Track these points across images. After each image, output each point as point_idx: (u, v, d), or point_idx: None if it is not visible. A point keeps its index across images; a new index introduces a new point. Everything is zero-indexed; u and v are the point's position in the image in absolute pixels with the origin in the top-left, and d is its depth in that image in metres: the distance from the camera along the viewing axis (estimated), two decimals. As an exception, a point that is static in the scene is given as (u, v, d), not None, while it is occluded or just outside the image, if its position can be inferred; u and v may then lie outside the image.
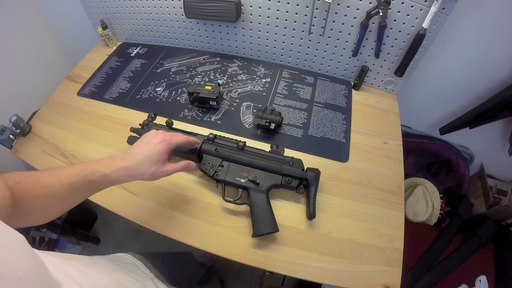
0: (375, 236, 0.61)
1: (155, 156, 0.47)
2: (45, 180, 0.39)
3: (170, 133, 0.53)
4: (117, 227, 1.45)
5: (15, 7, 1.03)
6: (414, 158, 1.14)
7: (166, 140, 0.49)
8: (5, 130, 0.76)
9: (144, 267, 0.52)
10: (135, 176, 0.47)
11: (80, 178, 0.41)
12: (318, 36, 0.82)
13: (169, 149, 0.50)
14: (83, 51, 1.06)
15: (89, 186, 0.43)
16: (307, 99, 0.85)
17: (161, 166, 0.48)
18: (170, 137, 0.50)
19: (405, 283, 0.87)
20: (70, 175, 0.40)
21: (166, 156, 0.50)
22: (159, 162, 0.48)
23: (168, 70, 0.94)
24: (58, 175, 0.40)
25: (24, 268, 0.21)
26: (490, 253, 0.99)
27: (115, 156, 0.47)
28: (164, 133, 0.51)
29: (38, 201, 0.38)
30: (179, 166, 0.52)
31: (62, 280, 0.25)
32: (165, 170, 0.49)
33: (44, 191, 0.38)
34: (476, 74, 0.86)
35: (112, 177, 0.44)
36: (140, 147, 0.48)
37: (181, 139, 0.52)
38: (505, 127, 0.96)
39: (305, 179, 0.61)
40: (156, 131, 0.51)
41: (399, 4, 0.69)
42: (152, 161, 0.47)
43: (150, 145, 0.48)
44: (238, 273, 1.30)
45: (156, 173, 0.48)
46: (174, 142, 0.51)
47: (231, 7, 0.78)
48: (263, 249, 0.59)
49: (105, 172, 0.43)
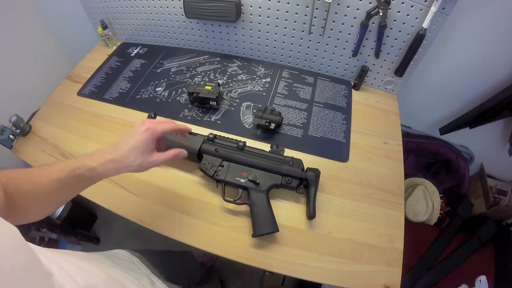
0: (375, 236, 0.61)
1: (140, 146, 0.45)
2: (34, 176, 0.39)
3: (157, 120, 0.49)
4: (117, 227, 1.45)
5: (15, 7, 1.03)
6: (414, 158, 1.14)
7: (151, 128, 0.46)
8: (5, 130, 0.76)
9: (140, 263, 0.52)
10: (122, 168, 0.45)
11: (68, 173, 0.40)
12: (318, 36, 0.82)
13: (155, 138, 0.47)
14: (83, 51, 1.06)
15: (77, 181, 0.42)
16: (307, 99, 0.85)
17: (148, 156, 0.46)
18: (156, 125, 0.47)
19: (405, 283, 0.86)
20: (58, 171, 0.40)
21: (152, 145, 0.47)
22: (146, 152, 0.46)
23: (168, 70, 0.94)
24: (47, 171, 0.40)
25: (17, 258, 0.22)
26: (490, 253, 0.99)
27: (103, 149, 0.45)
28: (151, 121, 0.48)
29: (29, 198, 0.38)
30: (168, 155, 0.49)
31: (54, 271, 0.26)
32: (152, 160, 0.46)
33: (34, 187, 0.38)
34: (476, 74, 0.86)
35: (99, 171, 0.43)
36: (126, 138, 0.46)
37: (168, 126, 0.49)
38: (505, 127, 0.96)
39: (305, 179, 0.61)
40: (143, 120, 0.48)
41: (399, 4, 0.69)
42: (138, 151, 0.45)
43: (135, 136, 0.45)
44: (238, 273, 1.30)
45: (144, 164, 0.46)
46: (160, 130, 0.47)
47: (231, 7, 0.78)
48: (263, 249, 0.59)
49: (91, 166, 0.42)
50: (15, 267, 0.21)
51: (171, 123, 0.50)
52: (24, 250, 0.23)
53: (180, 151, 0.51)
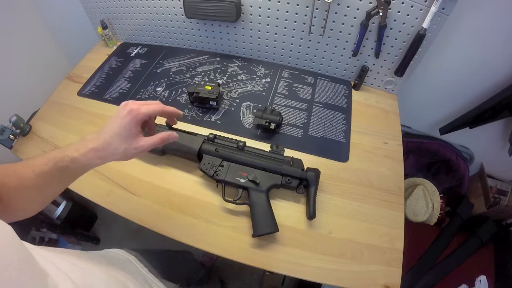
0: (375, 236, 0.61)
1: (123, 131, 0.41)
2: (20, 171, 0.37)
3: (142, 102, 0.44)
4: (117, 227, 1.45)
5: (15, 7, 1.03)
6: (414, 158, 1.14)
7: (133, 110, 0.41)
8: (5, 130, 0.76)
9: (137, 262, 0.51)
10: (107, 157, 0.41)
11: (52, 166, 0.38)
12: (318, 36, 0.82)
13: (138, 121, 0.42)
14: (83, 51, 1.06)
15: (62, 174, 0.39)
16: (307, 99, 0.85)
17: (132, 142, 0.42)
18: (139, 106, 0.42)
19: (405, 283, 0.87)
20: (43, 164, 0.38)
21: (136, 129, 0.42)
22: (129, 137, 0.41)
23: (168, 70, 0.94)
24: (32, 165, 0.38)
25: (12, 256, 0.21)
26: (490, 253, 0.99)
27: (87, 137, 0.41)
28: (134, 102, 0.43)
29: (17, 194, 0.37)
30: (155, 139, 0.44)
31: (50, 270, 0.25)
32: (138, 146, 0.42)
33: (20, 182, 0.37)
34: (476, 74, 0.86)
35: (83, 161, 0.39)
36: (108, 124, 0.42)
37: (153, 108, 0.44)
38: (505, 127, 0.96)
39: (305, 179, 0.61)
40: (126, 101, 0.44)
41: (399, 4, 0.69)
42: (121, 137, 0.41)
43: (117, 120, 0.41)
44: (238, 273, 1.30)
45: (129, 150, 0.42)
46: (144, 111, 0.42)
47: (231, 7, 0.78)
48: (263, 249, 0.59)
49: (74, 156, 0.39)
50: (8, 266, 0.20)
51: (157, 104, 0.45)
52: (18, 248, 0.23)
53: (169, 134, 0.46)
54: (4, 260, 0.20)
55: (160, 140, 0.45)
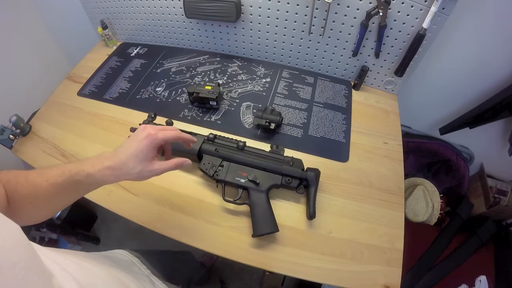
0: (375, 236, 0.61)
1: (140, 154, 0.42)
2: (33, 179, 0.38)
3: (159, 127, 0.46)
4: (117, 227, 1.45)
5: (15, 7, 1.03)
6: (414, 158, 1.14)
7: (151, 135, 0.43)
8: (5, 130, 0.76)
9: (140, 264, 0.52)
10: (121, 176, 0.42)
11: (66, 178, 0.39)
12: (318, 36, 0.82)
13: (155, 146, 0.44)
14: (83, 51, 1.06)
15: (76, 187, 0.40)
16: (307, 99, 0.85)
17: (148, 164, 0.43)
18: (157, 131, 0.44)
19: (405, 283, 0.87)
20: (57, 175, 0.39)
21: (152, 153, 0.44)
22: (145, 160, 0.43)
23: (168, 70, 0.94)
24: (46, 174, 0.39)
25: (19, 255, 0.22)
26: (490, 253, 0.99)
27: (103, 154, 0.43)
28: (152, 127, 0.45)
29: (27, 201, 0.37)
30: (170, 164, 0.46)
31: (55, 270, 0.26)
32: (152, 169, 0.44)
33: (32, 190, 0.38)
34: (476, 74, 0.86)
35: (97, 177, 0.41)
36: (126, 144, 0.44)
37: (170, 134, 0.46)
38: (505, 127, 0.96)
39: (305, 179, 0.61)
40: (145, 125, 0.46)
41: (399, 4, 0.69)
42: (138, 159, 0.42)
43: (135, 142, 0.43)
44: (238, 273, 1.30)
45: (143, 173, 0.43)
46: (161, 137, 0.44)
47: (231, 7, 0.78)
48: (263, 249, 0.59)
49: (89, 172, 0.40)
50: (16, 265, 0.21)
51: (174, 131, 0.47)
52: (26, 248, 0.23)
53: (183, 161, 0.48)
54: (12, 259, 0.21)
55: (174, 165, 0.46)
